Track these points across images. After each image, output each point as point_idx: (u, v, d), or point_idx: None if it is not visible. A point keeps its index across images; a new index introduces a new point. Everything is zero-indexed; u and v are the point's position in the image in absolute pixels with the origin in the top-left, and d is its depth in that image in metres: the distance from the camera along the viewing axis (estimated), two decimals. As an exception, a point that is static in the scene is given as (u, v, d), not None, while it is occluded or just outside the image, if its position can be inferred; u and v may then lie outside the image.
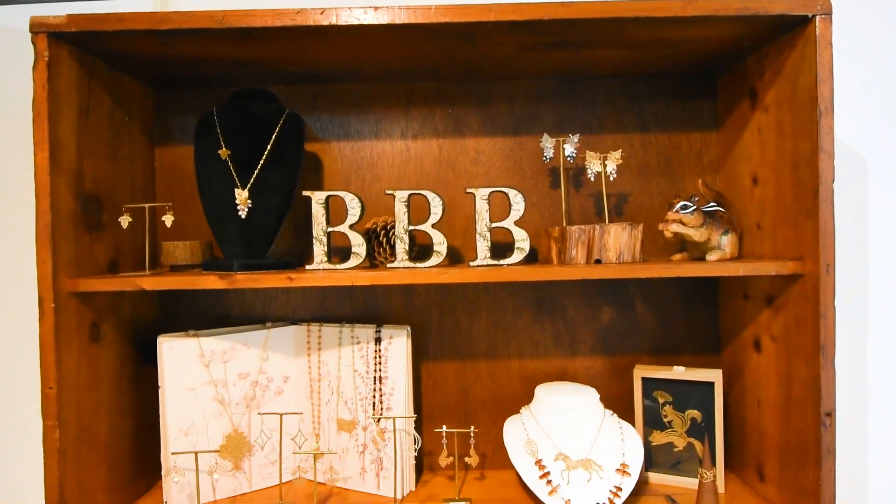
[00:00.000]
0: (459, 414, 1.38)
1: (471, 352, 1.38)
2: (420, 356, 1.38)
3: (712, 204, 1.18)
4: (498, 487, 1.28)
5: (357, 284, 1.05)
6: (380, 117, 1.36)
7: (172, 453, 1.16)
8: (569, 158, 1.25)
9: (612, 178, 1.22)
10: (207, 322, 1.36)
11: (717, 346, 1.37)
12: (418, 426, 1.36)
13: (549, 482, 1.11)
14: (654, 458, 1.29)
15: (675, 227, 1.12)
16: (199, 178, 1.18)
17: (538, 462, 1.14)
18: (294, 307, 1.38)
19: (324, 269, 1.08)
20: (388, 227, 1.25)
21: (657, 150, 1.36)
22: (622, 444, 1.18)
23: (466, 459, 1.23)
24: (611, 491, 1.10)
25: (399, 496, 1.22)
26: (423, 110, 1.36)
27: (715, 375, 1.23)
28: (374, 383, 1.26)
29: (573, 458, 1.15)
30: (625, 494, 1.11)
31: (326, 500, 1.22)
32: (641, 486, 1.25)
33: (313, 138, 1.36)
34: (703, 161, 1.36)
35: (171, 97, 1.35)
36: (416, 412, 1.30)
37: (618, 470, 1.13)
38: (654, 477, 1.28)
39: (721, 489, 1.22)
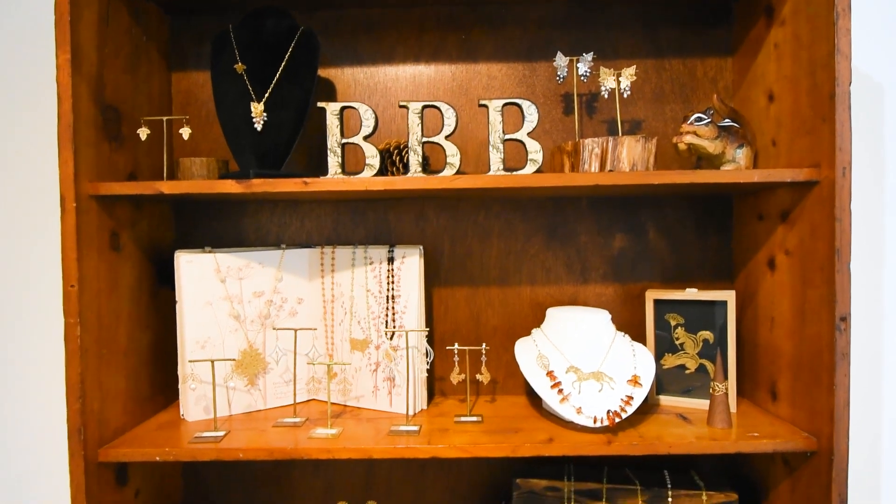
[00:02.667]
0: (471, 340, 1.39)
1: (482, 278, 1.39)
2: (432, 281, 1.39)
3: (727, 120, 1.17)
4: (509, 407, 1.29)
5: (371, 189, 1.05)
6: (393, 43, 1.37)
7: (190, 361, 1.18)
8: (582, 78, 1.24)
9: (625, 95, 1.21)
10: (223, 246, 1.38)
11: (731, 273, 1.37)
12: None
13: (560, 391, 1.12)
14: (665, 385, 1.29)
15: (689, 139, 1.12)
16: (216, 93, 1.20)
17: (549, 373, 1.15)
18: (308, 232, 1.39)
19: (338, 178, 1.09)
20: (402, 147, 1.26)
21: (671, 75, 1.36)
22: (633, 358, 1.19)
23: (478, 377, 1.24)
24: (622, 400, 1.11)
25: (411, 412, 1.23)
26: (435, 35, 1.36)
27: (728, 295, 1.23)
28: (387, 302, 1.27)
29: (584, 370, 1.15)
30: (636, 403, 1.11)
31: (339, 416, 1.24)
32: (653, 408, 1.25)
33: (327, 63, 1.37)
34: (718, 86, 1.35)
35: (187, 23, 1.37)
36: (427, 337, 1.31)
37: (629, 381, 1.14)
38: (666, 399, 1.28)
39: (733, 409, 1.22)
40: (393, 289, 1.27)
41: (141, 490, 1.22)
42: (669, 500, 1.21)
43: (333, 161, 1.12)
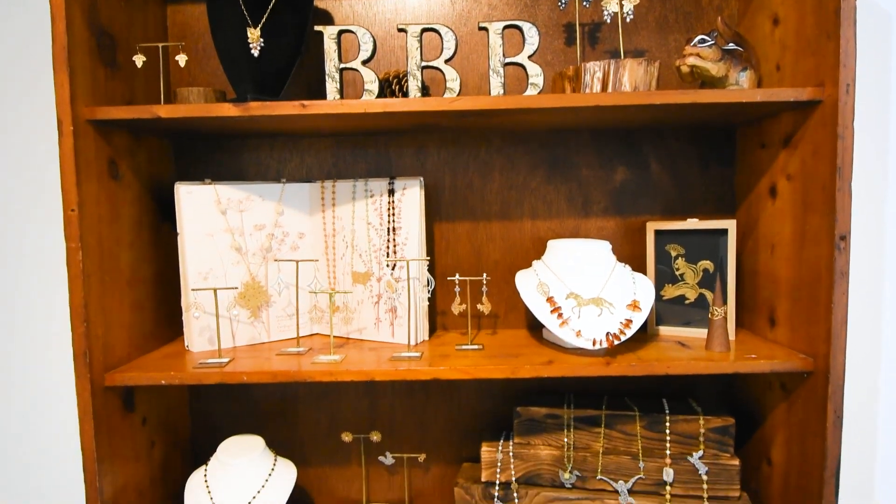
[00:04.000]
0: (472, 274, 1.39)
1: (483, 212, 1.39)
2: (433, 217, 1.39)
3: (731, 43, 1.15)
4: (509, 338, 1.30)
5: (370, 112, 1.04)
6: (392, -28, 1.34)
7: (192, 290, 1.19)
8: (585, 3, 1.22)
9: (628, 20, 1.19)
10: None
11: (733, 205, 1.36)
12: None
13: (560, 315, 1.13)
14: (665, 317, 1.30)
15: (692, 60, 1.10)
16: (212, 20, 1.18)
17: (549, 299, 1.16)
18: (308, 167, 1.39)
19: (336, 101, 1.08)
20: (401, 76, 1.24)
21: (675, 4, 1.33)
22: (633, 285, 1.19)
23: (479, 307, 1.25)
24: (621, 323, 1.12)
25: (413, 342, 1.24)
26: (435, -36, 1.34)
27: (729, 223, 1.23)
28: (388, 234, 1.27)
29: (584, 296, 1.16)
30: (635, 326, 1.12)
31: (342, 347, 1.25)
32: (652, 337, 1.27)
33: (325, -6, 1.35)
34: (724, 15, 1.33)
35: (181, -47, 1.34)
36: (428, 270, 1.31)
37: (629, 306, 1.15)
38: (666, 330, 1.29)
39: (731, 335, 1.23)
40: (394, 221, 1.27)
41: (148, 418, 1.24)
42: (667, 424, 1.23)
43: (332, 87, 1.10)
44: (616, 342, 1.09)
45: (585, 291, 1.17)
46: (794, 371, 1.08)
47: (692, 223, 1.25)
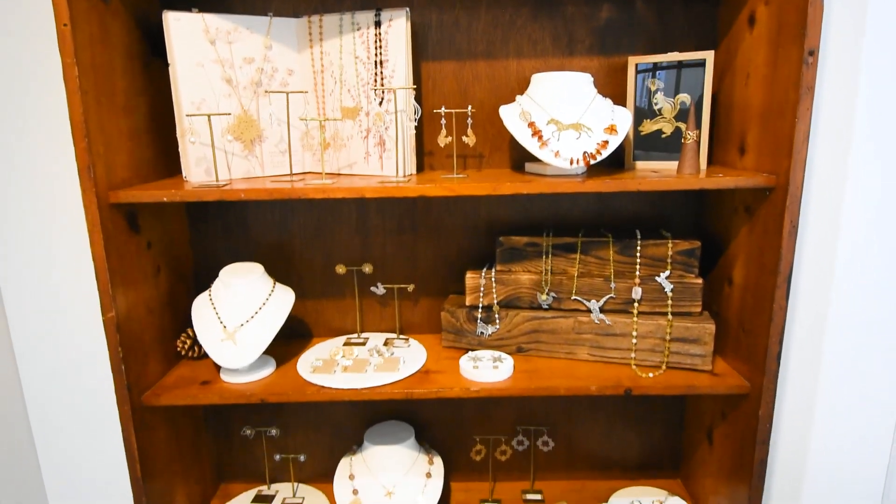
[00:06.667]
0: (459, 114, 1.43)
1: (469, 52, 1.41)
2: (420, 56, 1.41)
3: None
4: (494, 172, 1.36)
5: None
6: None
7: (187, 115, 1.23)
8: None
9: None
10: (211, 20, 1.38)
11: (714, 44, 1.39)
12: (419, 127, 1.43)
13: (540, 138, 1.19)
14: (641, 154, 1.36)
15: None
16: None
17: (531, 124, 1.21)
18: (294, 6, 1.39)
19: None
20: None
21: None
22: (612, 114, 1.24)
23: (464, 139, 1.30)
24: (598, 144, 1.18)
25: (402, 172, 1.30)
26: None
27: (707, 54, 1.26)
28: (376, 67, 1.30)
29: (564, 122, 1.21)
30: (611, 147, 1.18)
31: (333, 178, 1.31)
32: (629, 169, 1.33)
33: None
34: None
35: None
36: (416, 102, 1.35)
37: (606, 129, 1.20)
38: (642, 164, 1.36)
39: (703, 164, 1.30)
40: (381, 54, 1.29)
41: (153, 243, 1.32)
42: (638, 248, 1.32)
43: None
44: (592, 161, 1.16)
45: (566, 118, 1.22)
46: (757, 188, 1.15)
47: (672, 56, 1.29)
